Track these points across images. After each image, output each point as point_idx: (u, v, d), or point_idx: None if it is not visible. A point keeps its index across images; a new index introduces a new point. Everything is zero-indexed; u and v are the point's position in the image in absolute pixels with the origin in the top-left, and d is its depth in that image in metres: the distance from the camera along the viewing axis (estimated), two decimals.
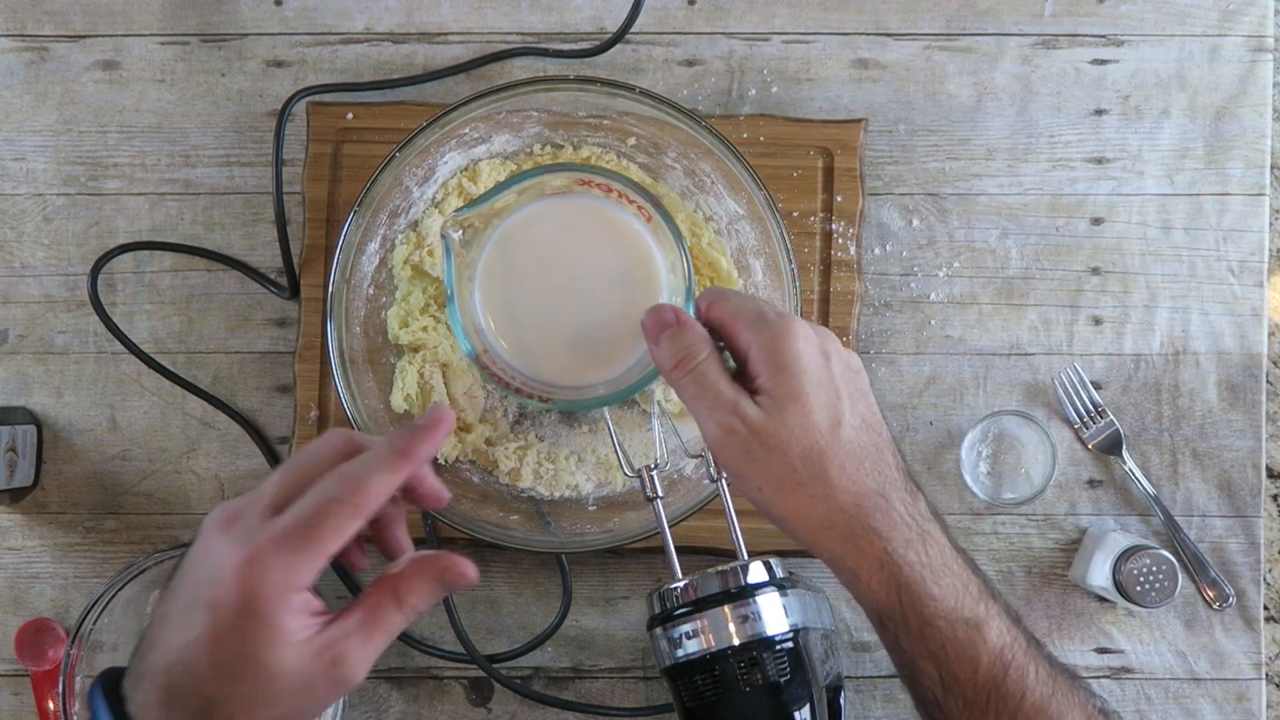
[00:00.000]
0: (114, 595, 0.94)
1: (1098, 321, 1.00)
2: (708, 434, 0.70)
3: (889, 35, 1.00)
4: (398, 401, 0.95)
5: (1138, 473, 0.98)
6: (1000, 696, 0.69)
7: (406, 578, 0.64)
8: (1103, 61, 1.00)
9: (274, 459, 0.99)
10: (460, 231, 0.79)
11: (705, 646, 0.77)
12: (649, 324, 0.72)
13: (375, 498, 0.63)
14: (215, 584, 0.61)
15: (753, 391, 0.69)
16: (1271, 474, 1.01)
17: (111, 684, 0.64)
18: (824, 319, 0.97)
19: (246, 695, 0.61)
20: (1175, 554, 0.97)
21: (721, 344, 0.73)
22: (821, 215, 0.97)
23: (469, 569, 0.65)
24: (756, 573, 0.79)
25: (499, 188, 0.80)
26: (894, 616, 0.69)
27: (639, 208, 0.79)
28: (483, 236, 0.84)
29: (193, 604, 0.62)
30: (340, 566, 0.88)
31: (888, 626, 0.71)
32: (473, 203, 0.78)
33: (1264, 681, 0.98)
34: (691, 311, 0.74)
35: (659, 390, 0.91)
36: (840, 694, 0.85)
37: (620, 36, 0.99)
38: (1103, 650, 0.98)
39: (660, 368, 0.72)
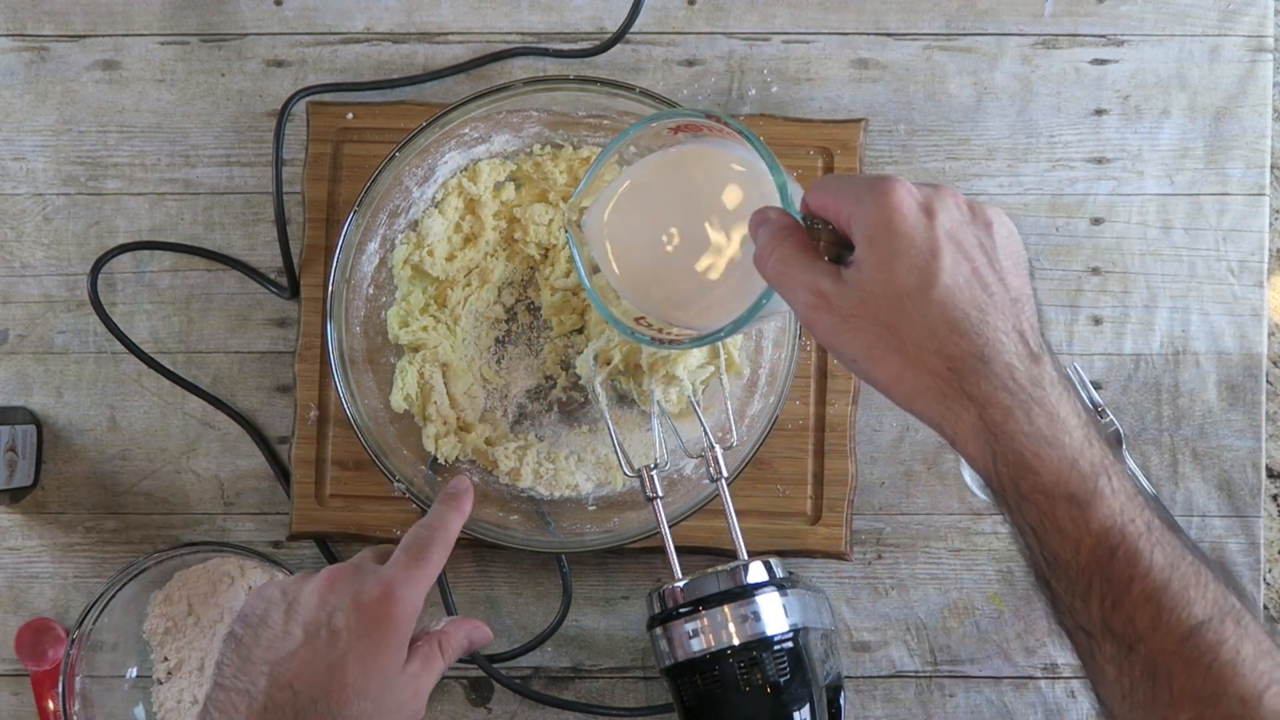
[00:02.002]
0: (114, 595, 0.94)
1: (1098, 321, 1.00)
2: (798, 315, 0.68)
3: (889, 35, 1.00)
4: (398, 401, 0.95)
5: (1138, 473, 0.98)
6: (1105, 579, 0.64)
7: (447, 634, 0.81)
8: (1103, 61, 1.00)
9: (274, 459, 0.99)
10: (578, 216, 0.78)
11: (705, 646, 0.77)
12: (752, 224, 0.71)
13: (453, 533, 0.82)
14: (355, 608, 0.75)
15: (852, 263, 0.67)
16: (1271, 474, 1.01)
17: None
18: None
19: (366, 712, 0.74)
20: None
21: (825, 225, 0.69)
22: None
23: (488, 631, 0.84)
24: (756, 573, 0.79)
25: (597, 161, 0.78)
26: (993, 484, 0.66)
27: (723, 132, 0.76)
28: (596, 213, 0.81)
29: (316, 631, 0.75)
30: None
31: (991, 492, 0.67)
32: (578, 188, 0.77)
33: None
34: (797, 208, 0.71)
35: (659, 390, 0.91)
36: (840, 694, 0.85)
37: (620, 36, 0.99)
38: None
39: (757, 267, 0.70)
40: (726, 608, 0.77)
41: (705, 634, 0.77)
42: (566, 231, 0.82)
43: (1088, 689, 0.68)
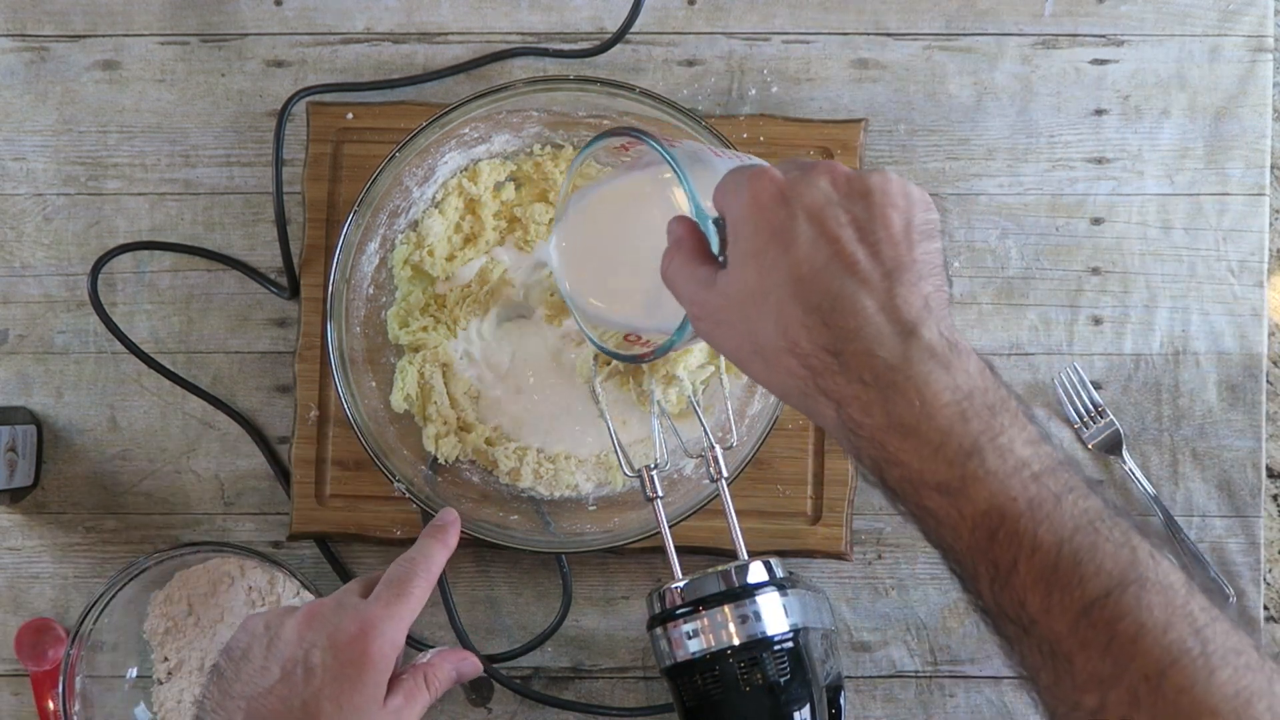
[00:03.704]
0: (114, 595, 0.94)
1: (1098, 321, 1.00)
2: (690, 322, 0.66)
3: (889, 35, 1.00)
4: (398, 401, 0.95)
5: (1138, 473, 0.98)
6: (991, 563, 0.59)
7: (434, 666, 0.81)
8: (1103, 61, 1.00)
9: (274, 459, 0.99)
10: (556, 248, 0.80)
11: (705, 646, 0.77)
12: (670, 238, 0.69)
13: (437, 567, 0.82)
14: (331, 647, 0.75)
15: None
16: (1271, 474, 1.01)
17: None
18: None
19: None
20: (1175, 554, 0.97)
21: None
22: None
23: (477, 662, 0.85)
24: (756, 572, 0.79)
25: (563, 184, 0.80)
26: (871, 481, 0.62)
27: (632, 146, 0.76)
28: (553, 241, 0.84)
29: (293, 668, 0.75)
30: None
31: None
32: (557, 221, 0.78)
33: None
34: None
35: (658, 390, 0.91)
36: (840, 694, 0.85)
37: (620, 36, 0.99)
38: None
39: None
40: (726, 608, 0.77)
41: (705, 634, 0.77)
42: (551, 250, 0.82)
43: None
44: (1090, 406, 0.98)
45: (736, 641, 0.77)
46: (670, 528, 0.83)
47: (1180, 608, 0.57)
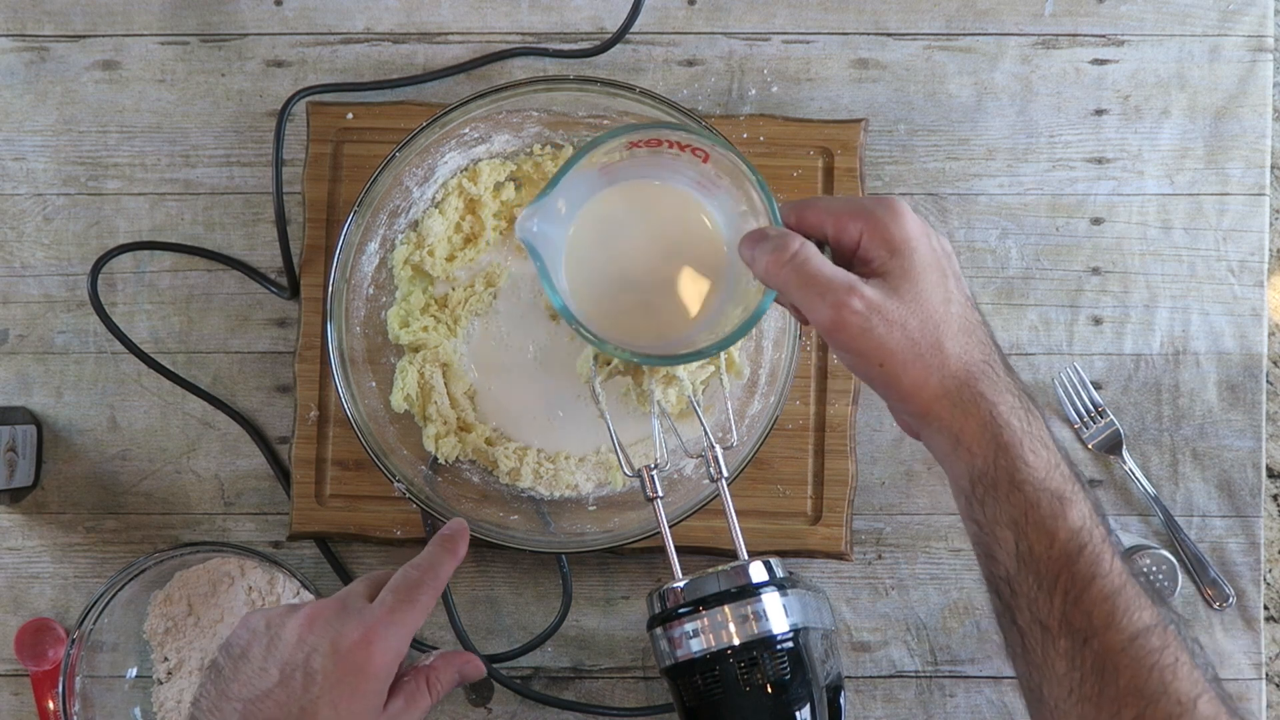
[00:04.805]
0: (114, 595, 0.94)
1: (1098, 321, 1.00)
2: (820, 319, 0.70)
3: (889, 35, 1.00)
4: (398, 401, 0.95)
5: (1138, 473, 0.98)
6: (1071, 575, 0.69)
7: (436, 669, 0.81)
8: (1103, 61, 1.00)
9: (274, 459, 0.99)
10: (538, 225, 0.76)
11: (705, 646, 0.77)
12: (743, 246, 0.73)
13: (445, 576, 0.81)
14: (332, 653, 0.74)
15: (864, 275, 0.71)
16: (1271, 474, 1.01)
17: None
18: None
19: None
20: (1175, 554, 0.97)
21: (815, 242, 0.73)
22: None
23: (480, 665, 0.84)
24: (756, 572, 0.79)
25: (560, 172, 0.76)
26: (986, 479, 0.70)
27: (694, 151, 0.76)
28: (562, 223, 0.81)
29: (292, 672, 0.74)
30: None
31: (975, 492, 0.71)
32: (542, 194, 0.75)
33: (1264, 681, 0.98)
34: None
35: (658, 390, 0.91)
36: (840, 694, 0.85)
37: (620, 36, 0.99)
38: None
39: (763, 278, 0.72)
40: (727, 608, 0.77)
41: (705, 634, 0.77)
42: (523, 239, 0.76)
43: (1021, 688, 0.72)
44: (1090, 406, 0.98)
45: (737, 641, 0.77)
46: (670, 528, 0.83)
47: (1198, 654, 0.70)
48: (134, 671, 0.98)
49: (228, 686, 0.76)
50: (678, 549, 0.82)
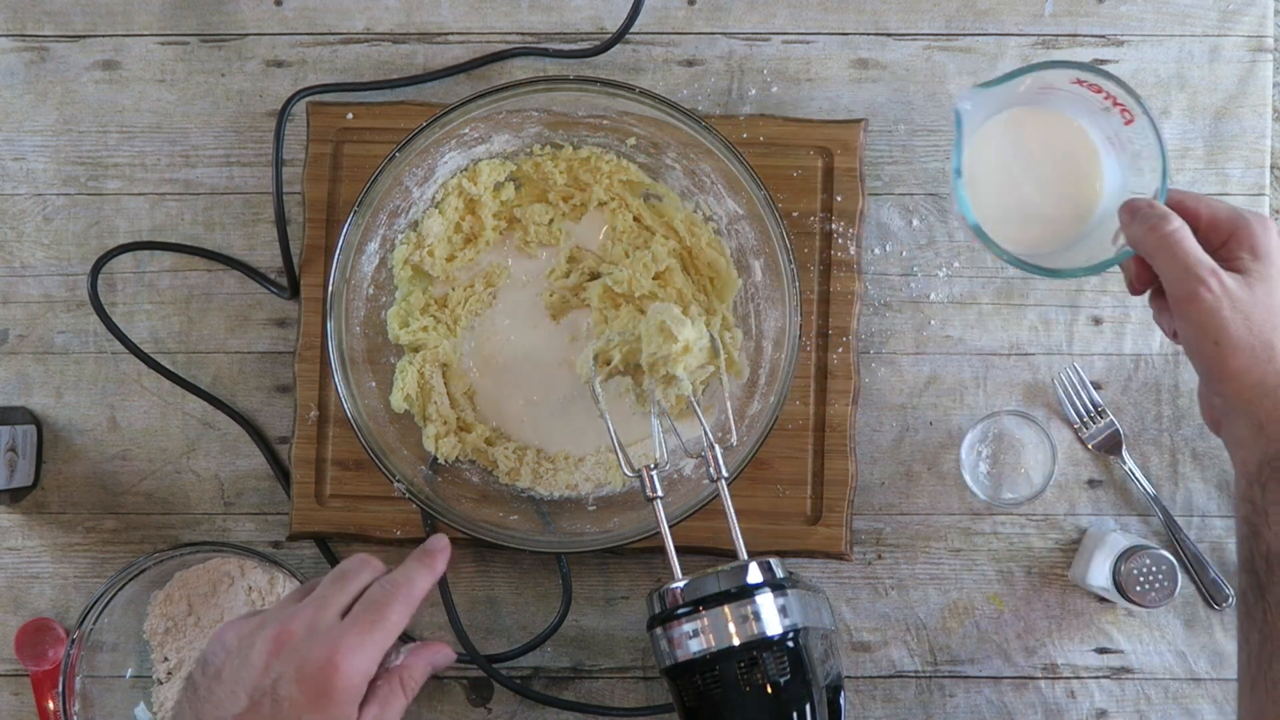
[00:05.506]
0: (114, 595, 0.94)
1: (1098, 321, 1.00)
2: (1178, 289, 0.77)
3: (889, 35, 1.00)
4: (398, 401, 0.95)
5: (1138, 473, 0.98)
6: None
7: (407, 667, 0.80)
8: (1103, 61, 1.00)
9: (274, 459, 0.99)
10: (970, 106, 0.83)
11: (705, 646, 0.77)
12: (1124, 209, 0.81)
13: (420, 592, 0.81)
14: (298, 680, 0.75)
15: (1224, 268, 0.79)
16: None
17: None
18: (824, 319, 0.97)
19: None
20: (1175, 554, 0.97)
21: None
22: (821, 215, 0.97)
23: (449, 651, 0.84)
24: (756, 573, 0.79)
25: (1015, 74, 0.83)
26: (1275, 463, 0.76)
27: (1123, 111, 0.84)
28: (981, 116, 0.88)
29: (260, 697, 0.75)
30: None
31: (1260, 475, 0.77)
32: (989, 83, 0.82)
33: None
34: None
35: (658, 390, 0.91)
36: (840, 694, 0.85)
37: (620, 36, 0.99)
38: (1103, 650, 0.98)
39: (1133, 240, 0.80)
40: (726, 608, 0.77)
41: (705, 634, 0.77)
42: (957, 111, 0.83)
43: (1248, 664, 0.76)
44: (1090, 406, 0.98)
45: (736, 641, 0.77)
46: (670, 528, 0.83)
47: None
48: (134, 671, 0.98)
49: (201, 707, 0.76)
50: (678, 549, 0.82)
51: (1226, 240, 0.80)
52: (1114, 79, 0.82)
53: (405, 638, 0.98)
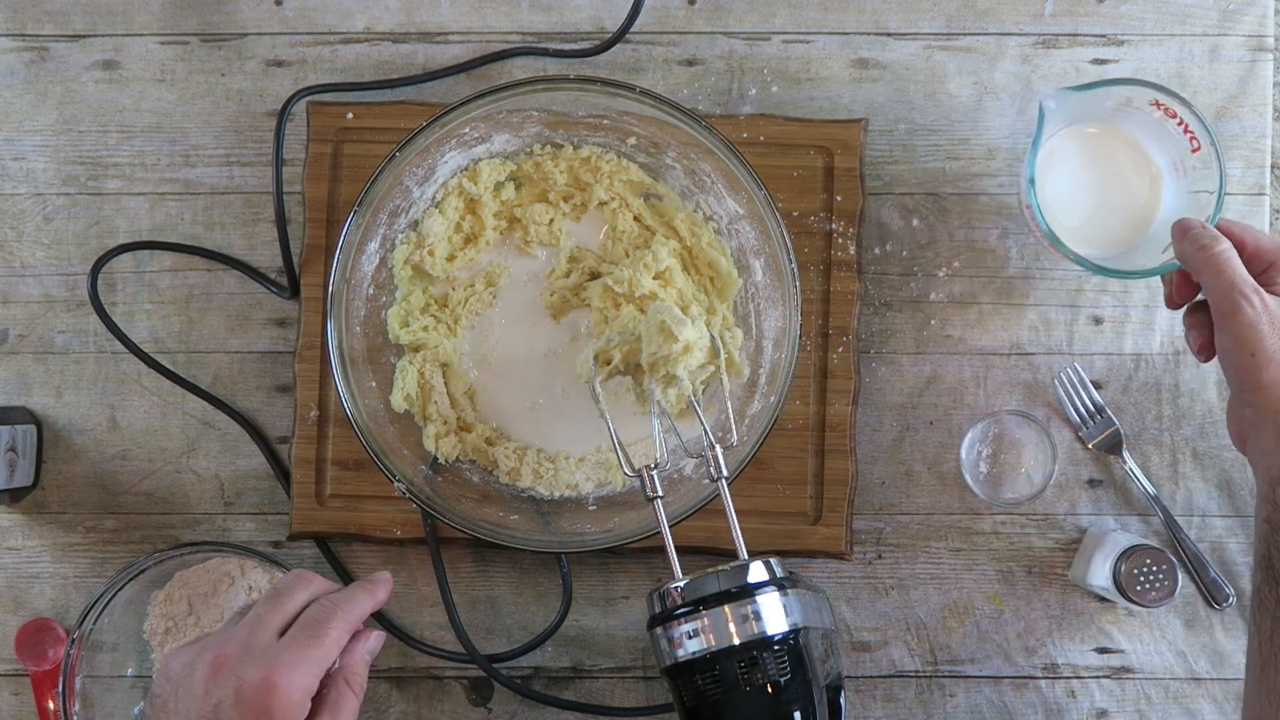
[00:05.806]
0: (114, 595, 0.94)
1: (1098, 321, 1.00)
2: (1221, 305, 0.82)
3: (889, 35, 1.00)
4: (398, 401, 0.95)
5: (1138, 473, 0.98)
6: None
7: (349, 666, 0.80)
8: (1103, 61, 1.00)
9: (274, 459, 0.99)
10: (1055, 105, 0.88)
11: (706, 646, 0.77)
12: (1177, 227, 0.86)
13: (359, 614, 0.81)
14: (236, 702, 0.75)
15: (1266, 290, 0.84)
16: None
17: None
18: (824, 319, 0.97)
19: None
20: (1175, 554, 0.97)
21: None
22: (821, 215, 0.97)
23: (380, 633, 0.83)
24: (756, 572, 0.79)
25: (1101, 83, 0.89)
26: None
27: (1192, 138, 0.90)
28: (1059, 120, 0.93)
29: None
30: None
31: None
32: (1076, 87, 0.88)
33: None
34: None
35: (658, 390, 0.91)
36: (840, 694, 0.85)
37: (620, 36, 0.99)
38: (1103, 650, 0.98)
39: (1182, 256, 0.85)
40: (726, 608, 0.77)
41: (705, 634, 0.77)
42: (1041, 107, 0.88)
43: (1259, 654, 0.78)
44: (1090, 406, 0.98)
45: (736, 641, 0.77)
46: (670, 527, 0.83)
47: None
48: (134, 671, 0.98)
49: None
50: (678, 549, 0.82)
51: (1267, 269, 0.85)
52: (1189, 107, 0.88)
53: (406, 637, 0.98)
